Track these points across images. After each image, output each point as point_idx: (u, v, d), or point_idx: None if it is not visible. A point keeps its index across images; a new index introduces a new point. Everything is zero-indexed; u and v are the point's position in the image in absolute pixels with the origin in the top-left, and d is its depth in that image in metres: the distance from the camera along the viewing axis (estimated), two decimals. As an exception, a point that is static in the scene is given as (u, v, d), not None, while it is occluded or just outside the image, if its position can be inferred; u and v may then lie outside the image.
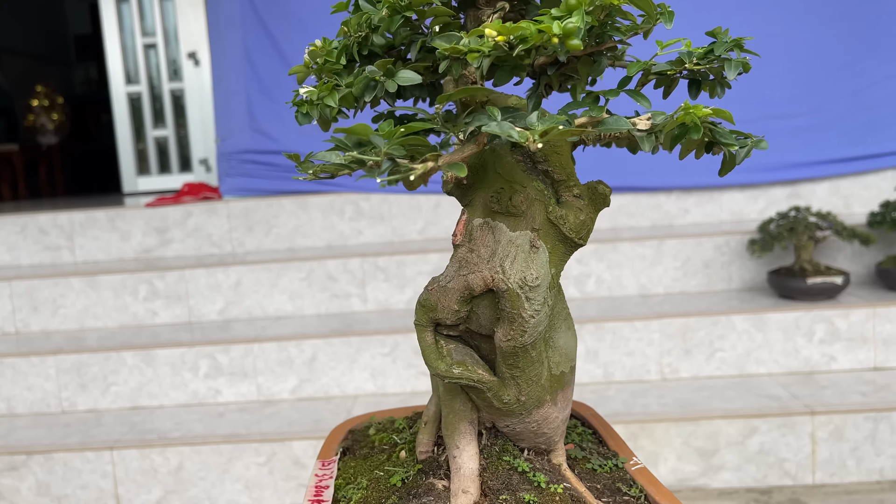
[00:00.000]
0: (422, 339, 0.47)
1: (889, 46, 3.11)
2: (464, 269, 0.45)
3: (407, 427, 0.63)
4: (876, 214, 2.61)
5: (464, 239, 0.46)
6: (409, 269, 2.83)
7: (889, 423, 2.15)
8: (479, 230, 0.46)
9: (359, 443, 0.63)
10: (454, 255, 0.47)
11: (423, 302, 0.46)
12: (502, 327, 0.47)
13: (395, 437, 0.59)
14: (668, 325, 2.48)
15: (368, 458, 0.57)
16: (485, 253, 0.46)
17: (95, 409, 2.60)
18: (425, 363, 0.48)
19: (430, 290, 0.46)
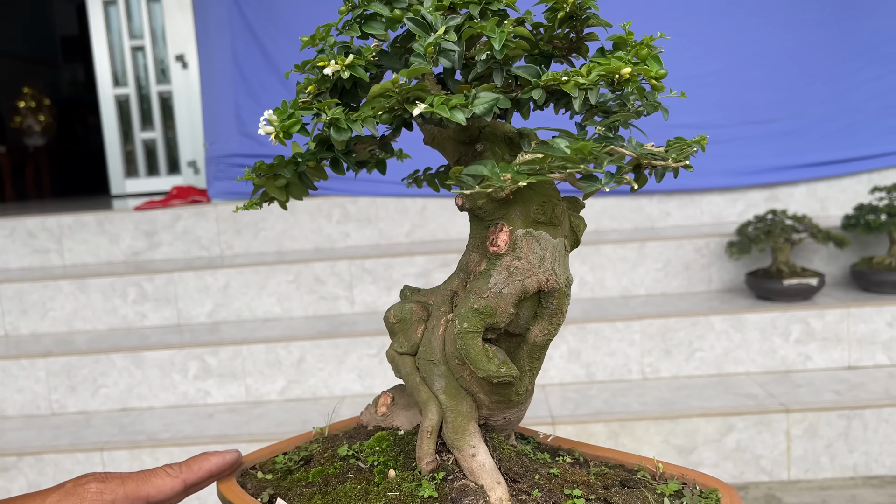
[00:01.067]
0: (473, 345, 0.52)
1: (865, 53, 3.18)
2: (517, 275, 0.50)
3: (324, 455, 0.64)
4: (850, 217, 2.68)
5: (507, 249, 0.52)
6: (396, 272, 2.87)
7: (862, 420, 2.22)
8: (522, 240, 0.51)
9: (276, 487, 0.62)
10: (499, 263, 0.52)
11: (481, 309, 0.51)
12: (540, 323, 0.53)
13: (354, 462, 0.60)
14: (648, 326, 2.53)
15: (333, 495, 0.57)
16: (534, 259, 0.52)
17: (85, 410, 2.63)
18: (474, 367, 0.52)
19: (486, 297, 0.51)
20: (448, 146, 0.60)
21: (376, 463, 0.59)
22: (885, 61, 3.18)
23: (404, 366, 0.60)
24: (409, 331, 0.60)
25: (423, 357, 0.58)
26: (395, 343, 0.63)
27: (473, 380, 0.55)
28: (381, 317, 2.82)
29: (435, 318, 0.58)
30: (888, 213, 2.60)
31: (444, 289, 0.59)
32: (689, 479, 0.59)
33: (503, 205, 0.52)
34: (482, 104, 0.46)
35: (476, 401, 0.56)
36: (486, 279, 0.52)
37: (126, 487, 0.56)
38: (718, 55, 3.21)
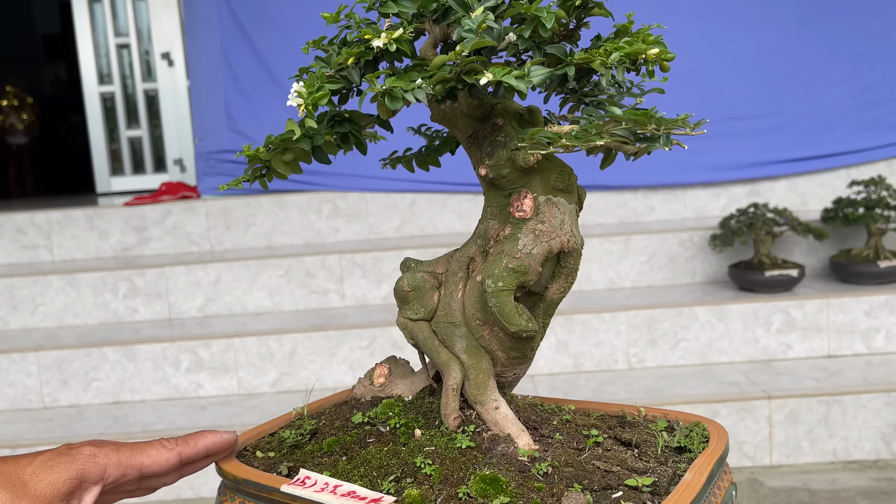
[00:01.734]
0: (507, 302, 0.56)
1: (842, 52, 3.27)
2: (542, 238, 0.55)
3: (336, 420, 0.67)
4: (829, 210, 2.75)
5: (532, 213, 0.57)
6: (385, 266, 2.91)
7: (841, 406, 2.29)
8: (545, 205, 0.56)
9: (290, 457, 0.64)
10: (525, 227, 0.56)
11: (515, 268, 0.56)
12: (558, 282, 0.59)
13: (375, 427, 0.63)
14: (634, 317, 2.59)
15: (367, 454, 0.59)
16: (556, 223, 0.57)
17: (77, 404, 2.64)
18: (507, 323, 0.57)
19: (518, 258, 0.56)
20: (461, 122, 0.64)
21: (397, 426, 0.62)
22: (861, 60, 3.26)
23: (420, 331, 0.64)
24: (424, 298, 0.64)
25: (443, 320, 0.61)
26: (407, 311, 0.67)
27: (493, 338, 0.60)
28: (372, 310, 2.86)
29: (452, 283, 0.62)
30: (865, 206, 2.68)
31: (461, 256, 0.63)
32: (671, 417, 0.64)
33: (524, 174, 0.57)
34: (538, 76, 0.50)
35: (493, 358, 0.60)
36: (514, 242, 0.57)
37: (120, 454, 0.55)
38: (700, 53, 3.28)
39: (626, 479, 0.55)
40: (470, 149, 0.64)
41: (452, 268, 0.63)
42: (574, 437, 0.59)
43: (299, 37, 3.27)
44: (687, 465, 0.58)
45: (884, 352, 2.58)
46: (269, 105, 3.27)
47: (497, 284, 0.56)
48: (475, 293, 0.60)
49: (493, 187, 0.60)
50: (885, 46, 3.26)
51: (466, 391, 0.60)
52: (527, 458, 0.56)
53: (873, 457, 2.31)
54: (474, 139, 0.63)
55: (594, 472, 0.56)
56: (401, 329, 0.67)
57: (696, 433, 0.61)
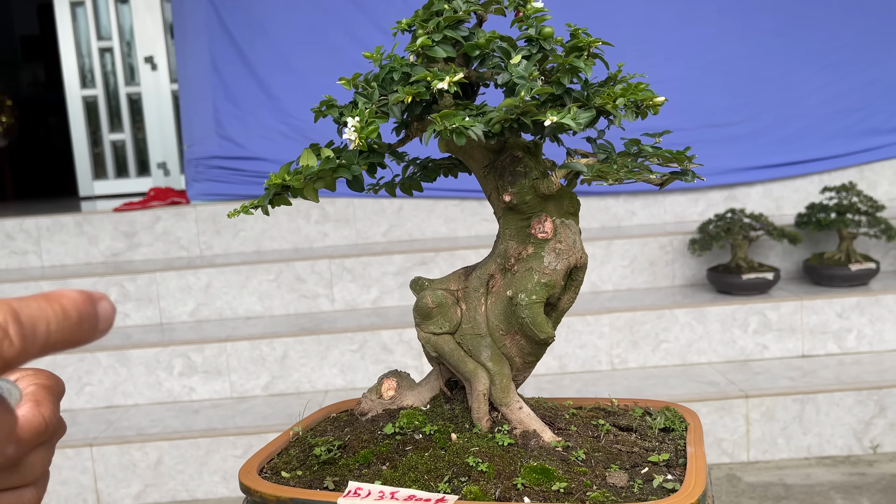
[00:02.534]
0: (539, 312, 0.63)
1: (816, 61, 3.38)
2: (563, 255, 0.62)
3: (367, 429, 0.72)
4: (803, 216, 2.86)
5: (552, 234, 0.64)
6: (374, 270, 2.97)
7: (815, 404, 2.39)
8: (560, 227, 0.63)
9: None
10: (548, 246, 0.64)
11: (547, 283, 0.63)
12: (569, 293, 0.66)
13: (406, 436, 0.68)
14: (617, 319, 2.67)
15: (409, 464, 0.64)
16: (570, 242, 0.64)
17: (70, 408, 2.66)
18: (538, 331, 0.64)
19: (548, 273, 0.63)
20: (477, 154, 0.71)
21: (432, 432, 0.68)
22: (834, 69, 3.38)
23: (446, 343, 0.70)
24: (447, 313, 0.71)
25: (469, 332, 0.68)
26: (430, 326, 0.73)
27: (514, 345, 0.67)
28: (361, 314, 2.91)
29: (474, 298, 0.69)
30: (837, 211, 2.78)
31: (482, 273, 0.69)
32: (641, 405, 0.73)
33: (542, 200, 0.64)
34: (585, 118, 0.58)
35: (511, 364, 0.67)
36: (540, 260, 0.64)
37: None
38: (679, 62, 3.38)
39: (646, 457, 0.63)
40: (486, 178, 0.71)
41: (473, 284, 0.69)
42: (587, 428, 0.66)
43: (287, 44, 3.32)
44: (679, 441, 0.66)
45: (855, 351, 2.69)
46: (258, 111, 3.31)
47: (531, 297, 0.63)
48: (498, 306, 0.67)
49: (512, 212, 0.67)
50: (856, 57, 3.38)
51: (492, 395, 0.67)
52: (561, 448, 0.63)
53: (846, 452, 2.41)
54: (491, 169, 0.70)
55: (619, 454, 0.64)
56: (424, 343, 0.73)
57: (671, 415, 0.70)
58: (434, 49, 0.61)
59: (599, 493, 0.60)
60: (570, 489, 0.59)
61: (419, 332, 0.74)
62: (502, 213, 0.68)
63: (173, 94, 4.65)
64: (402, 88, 0.60)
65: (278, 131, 3.29)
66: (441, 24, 0.63)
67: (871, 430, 2.40)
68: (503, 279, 0.68)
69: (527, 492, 0.59)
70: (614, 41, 2.90)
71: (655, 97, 0.60)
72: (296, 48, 3.29)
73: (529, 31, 0.65)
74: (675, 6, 3.36)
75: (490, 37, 0.62)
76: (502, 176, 0.67)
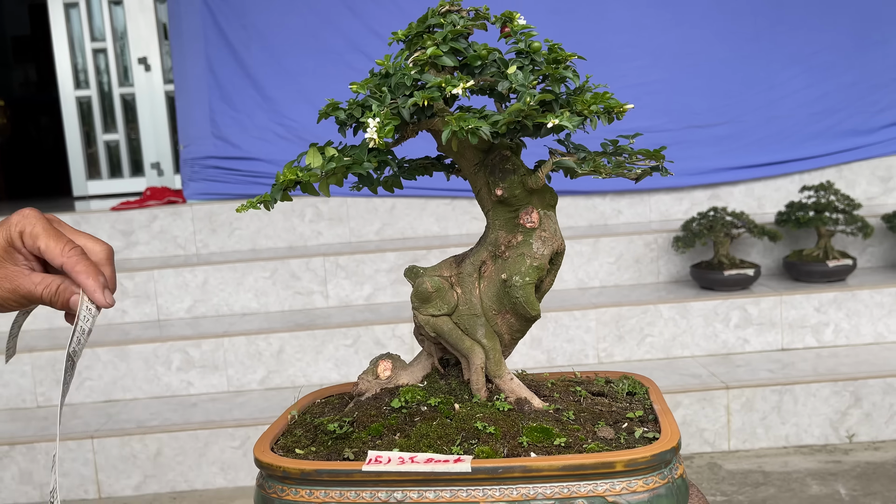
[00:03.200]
0: (531, 292, 0.71)
1: (796, 64, 3.48)
2: (548, 242, 0.70)
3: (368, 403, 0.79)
4: (782, 214, 2.96)
5: (538, 224, 0.72)
6: (367, 268, 3.04)
7: (792, 395, 2.48)
8: (544, 218, 0.71)
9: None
10: (534, 235, 0.72)
11: (539, 266, 0.71)
12: (550, 276, 0.75)
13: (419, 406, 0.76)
14: (603, 314, 2.76)
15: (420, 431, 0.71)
16: (552, 231, 0.72)
17: (70, 403, 2.73)
18: (530, 308, 0.73)
19: (537, 258, 0.71)
20: (469, 153, 0.79)
21: (436, 404, 0.75)
22: (814, 72, 3.48)
23: (444, 324, 0.78)
24: (445, 297, 0.78)
25: (466, 313, 0.76)
26: (430, 308, 0.80)
27: (504, 323, 0.75)
28: (355, 310, 2.98)
29: (468, 283, 0.77)
30: (815, 209, 2.88)
31: (475, 260, 0.77)
32: (602, 375, 0.82)
33: (529, 195, 0.72)
34: (577, 120, 0.66)
35: (501, 341, 0.76)
36: (529, 246, 0.72)
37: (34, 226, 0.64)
38: (664, 65, 3.47)
39: (624, 414, 0.74)
40: (476, 175, 0.79)
41: (467, 270, 0.77)
42: (567, 394, 0.76)
43: (281, 46, 3.39)
44: (645, 401, 0.76)
45: (832, 345, 2.79)
46: (253, 112, 3.38)
47: (525, 279, 0.72)
48: (491, 289, 0.75)
49: (502, 205, 0.75)
50: (834, 60, 3.48)
51: (487, 368, 0.75)
52: (552, 411, 0.72)
53: (823, 441, 2.51)
54: (481, 166, 0.78)
55: (601, 413, 0.74)
56: (423, 325, 0.80)
57: (631, 382, 0.80)
58: (443, 59, 0.69)
59: (595, 444, 0.69)
60: (569, 443, 0.69)
61: (418, 315, 0.81)
62: (492, 206, 0.76)
63: (167, 94, 4.70)
64: (418, 93, 0.68)
65: (273, 132, 3.36)
66: (448, 37, 0.71)
67: (846, 419, 2.50)
68: (494, 265, 0.76)
69: (532, 448, 0.68)
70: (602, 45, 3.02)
71: (623, 104, 0.69)
72: (290, 50, 3.36)
73: (520, 45, 0.74)
74: (661, 11, 3.46)
75: (489, 49, 0.70)
76: (493, 172, 0.75)
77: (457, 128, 0.67)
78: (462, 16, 0.76)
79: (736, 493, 2.23)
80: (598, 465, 0.64)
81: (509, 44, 0.74)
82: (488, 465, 0.64)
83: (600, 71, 3.60)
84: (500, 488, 0.64)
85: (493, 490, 0.64)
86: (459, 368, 0.80)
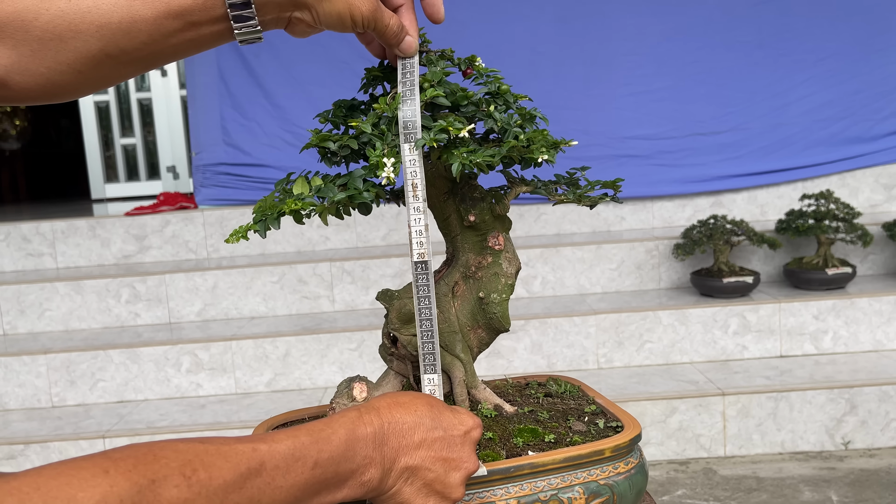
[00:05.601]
0: (507, 308, 0.79)
1: (799, 72, 3.51)
2: (512, 262, 0.78)
3: None
4: (782, 222, 2.99)
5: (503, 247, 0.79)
6: (373, 273, 3.11)
7: (788, 402, 2.52)
8: (507, 241, 0.78)
9: None
10: (501, 256, 0.79)
11: (512, 284, 0.80)
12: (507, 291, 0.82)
13: None
14: (603, 321, 2.81)
15: None
16: (513, 252, 0.82)
17: (84, 403, 2.82)
18: (505, 322, 0.81)
19: (508, 277, 0.78)
20: (439, 182, 0.85)
21: None
22: (817, 80, 3.51)
23: None
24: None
25: (446, 330, 0.82)
26: (411, 328, 0.85)
27: (476, 338, 0.82)
28: (361, 314, 3.04)
29: (445, 302, 0.83)
30: (815, 217, 2.91)
31: (449, 281, 0.84)
32: (531, 379, 0.92)
33: (495, 220, 0.79)
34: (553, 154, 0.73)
35: (472, 354, 0.82)
36: (499, 266, 0.80)
37: None
38: (668, 73, 3.51)
39: (581, 409, 0.83)
40: (445, 202, 0.85)
41: (442, 290, 0.84)
42: (527, 398, 0.84)
43: (291, 56, 3.47)
44: (587, 398, 0.87)
45: (831, 352, 2.82)
46: (263, 120, 3.46)
47: (502, 296, 0.80)
48: (466, 307, 0.82)
49: (471, 230, 0.81)
50: (839, 68, 3.51)
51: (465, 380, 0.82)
52: (528, 412, 0.79)
53: (818, 448, 2.54)
54: (451, 194, 0.84)
55: (566, 410, 0.83)
56: (406, 344, 0.85)
57: (561, 383, 0.90)
58: (441, 99, 0.75)
59: (577, 437, 0.77)
60: (557, 439, 0.77)
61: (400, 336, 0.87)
62: (460, 231, 0.82)
63: (182, 99, 4.80)
64: (426, 135, 0.73)
65: (282, 139, 3.44)
66: (442, 80, 0.77)
67: (842, 426, 2.53)
68: (466, 285, 0.83)
69: (527, 447, 0.76)
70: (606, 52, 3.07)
71: (569, 141, 0.75)
72: (300, 60, 3.43)
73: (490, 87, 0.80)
74: (665, 19, 3.49)
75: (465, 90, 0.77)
76: (464, 200, 0.81)
77: (466, 161, 0.73)
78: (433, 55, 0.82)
79: (729, 498, 2.27)
80: (591, 454, 0.72)
81: (476, 84, 0.80)
82: (501, 467, 0.71)
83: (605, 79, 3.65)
84: (513, 485, 0.72)
85: (505, 488, 0.71)
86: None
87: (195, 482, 0.49)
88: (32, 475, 0.45)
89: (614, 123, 3.49)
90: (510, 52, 3.43)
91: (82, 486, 0.45)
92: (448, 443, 0.63)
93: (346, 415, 0.61)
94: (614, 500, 0.73)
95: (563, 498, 0.72)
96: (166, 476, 0.48)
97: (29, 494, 0.43)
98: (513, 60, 3.40)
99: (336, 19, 0.69)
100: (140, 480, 0.47)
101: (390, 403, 0.63)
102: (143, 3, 0.62)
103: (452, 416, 0.65)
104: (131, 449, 0.49)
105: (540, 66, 3.46)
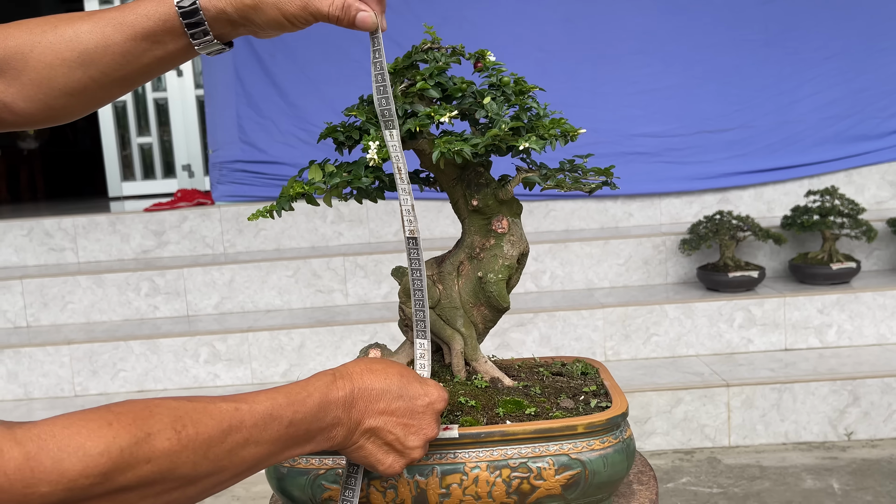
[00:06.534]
0: (503, 287, 0.84)
1: (806, 70, 3.55)
2: (516, 245, 0.83)
3: None
4: (788, 218, 3.04)
5: (507, 230, 0.85)
6: (385, 267, 3.18)
7: (791, 393, 2.57)
8: (512, 224, 0.84)
9: None
10: (504, 239, 0.85)
11: (510, 265, 0.84)
12: (517, 274, 0.89)
13: None
14: (610, 314, 2.87)
15: None
16: (518, 235, 0.86)
17: (105, 392, 2.90)
18: (502, 301, 0.86)
19: (508, 258, 0.84)
20: (448, 169, 0.92)
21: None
22: (824, 78, 3.55)
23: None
24: (430, 292, 0.91)
25: (448, 306, 0.89)
26: None
27: (479, 314, 0.88)
28: (373, 307, 3.12)
29: (449, 280, 0.89)
30: (819, 213, 2.96)
31: (454, 261, 0.90)
32: (557, 360, 0.96)
33: (500, 205, 0.85)
34: (541, 143, 0.79)
35: (476, 330, 0.89)
36: (501, 248, 0.86)
37: None
38: (675, 71, 3.56)
39: (580, 389, 0.87)
40: (454, 188, 0.92)
41: (447, 269, 0.90)
42: (532, 374, 0.89)
43: (305, 55, 3.55)
44: (597, 379, 0.90)
45: (835, 346, 2.86)
46: (278, 119, 3.54)
47: (498, 276, 0.86)
48: (468, 285, 0.88)
49: (477, 213, 0.88)
50: (845, 66, 3.55)
51: (465, 353, 0.88)
52: (521, 387, 0.85)
53: (821, 438, 2.59)
54: (459, 181, 0.91)
55: (562, 388, 0.88)
56: (410, 316, 0.93)
57: (583, 364, 0.93)
58: (429, 91, 0.82)
59: (559, 412, 0.82)
60: (538, 412, 0.82)
61: (405, 308, 0.94)
62: (468, 214, 0.89)
63: (198, 99, 4.89)
64: (411, 121, 0.80)
65: (297, 137, 3.52)
66: (434, 73, 0.84)
67: (845, 417, 2.58)
68: (470, 265, 0.89)
69: (507, 417, 0.81)
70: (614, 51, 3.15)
71: (576, 129, 0.81)
72: (314, 59, 3.51)
73: (492, 79, 0.86)
74: (672, 18, 3.55)
75: (466, 81, 0.83)
76: (469, 186, 0.88)
77: (445, 149, 0.80)
78: (442, 52, 0.89)
79: (732, 485, 2.32)
80: (563, 429, 0.77)
81: (482, 77, 0.87)
82: (472, 432, 0.77)
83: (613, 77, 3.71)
84: (483, 450, 0.77)
85: (476, 452, 0.77)
86: (441, 354, 0.92)
87: (184, 436, 0.57)
88: (49, 424, 0.54)
89: (622, 121, 3.55)
90: (520, 52, 3.49)
91: (90, 436, 0.53)
92: (410, 410, 0.71)
93: (321, 378, 0.69)
94: (586, 474, 0.76)
95: (532, 467, 0.76)
96: (160, 430, 0.56)
97: (46, 441, 0.52)
98: (522, 60, 3.46)
99: (275, 24, 0.76)
100: (138, 433, 0.55)
101: (363, 370, 0.71)
102: (114, 29, 0.72)
103: (419, 387, 0.73)
104: (130, 404, 0.58)
105: (549, 65, 3.52)
